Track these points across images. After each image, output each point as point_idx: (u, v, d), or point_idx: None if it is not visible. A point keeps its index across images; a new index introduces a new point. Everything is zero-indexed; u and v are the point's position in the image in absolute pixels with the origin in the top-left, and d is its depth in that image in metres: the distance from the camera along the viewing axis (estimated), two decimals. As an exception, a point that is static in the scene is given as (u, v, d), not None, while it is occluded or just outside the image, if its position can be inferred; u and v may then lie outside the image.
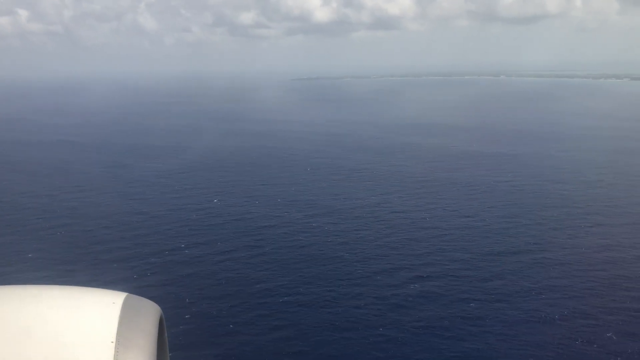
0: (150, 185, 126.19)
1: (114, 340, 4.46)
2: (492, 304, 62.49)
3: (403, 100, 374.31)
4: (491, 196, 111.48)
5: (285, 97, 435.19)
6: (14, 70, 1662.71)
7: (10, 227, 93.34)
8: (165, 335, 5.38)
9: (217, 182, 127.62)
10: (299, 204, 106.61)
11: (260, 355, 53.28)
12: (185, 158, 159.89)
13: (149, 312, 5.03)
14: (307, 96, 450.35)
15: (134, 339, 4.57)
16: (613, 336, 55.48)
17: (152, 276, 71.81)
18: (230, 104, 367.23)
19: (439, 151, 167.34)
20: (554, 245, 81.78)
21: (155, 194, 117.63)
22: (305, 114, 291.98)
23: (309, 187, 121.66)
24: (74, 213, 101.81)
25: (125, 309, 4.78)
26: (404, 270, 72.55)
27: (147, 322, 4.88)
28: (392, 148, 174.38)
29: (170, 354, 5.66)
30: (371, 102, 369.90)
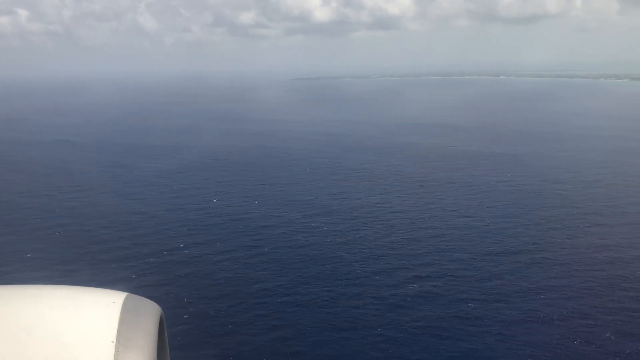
0: (149, 185, 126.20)
1: (114, 340, 4.45)
2: (491, 304, 62.47)
3: (403, 100, 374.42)
4: (490, 196, 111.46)
5: (285, 97, 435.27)
6: (14, 70, 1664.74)
7: (9, 227, 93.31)
8: (166, 335, 5.36)
9: (217, 182, 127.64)
10: (298, 203, 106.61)
11: (258, 356, 53.26)
12: (184, 158, 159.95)
13: (150, 312, 5.02)
14: (307, 96, 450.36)
15: (134, 338, 4.57)
16: (611, 336, 55.46)
17: (151, 276, 71.83)
18: (230, 104, 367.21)
19: (438, 151, 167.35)
20: (553, 245, 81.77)
21: (154, 193, 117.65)
22: (305, 114, 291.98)
23: (308, 187, 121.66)
24: (73, 213, 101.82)
25: (125, 309, 4.77)
26: (403, 270, 72.55)
27: (148, 322, 4.86)
28: (392, 148, 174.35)
29: (170, 353, 5.64)
30: (371, 102, 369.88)
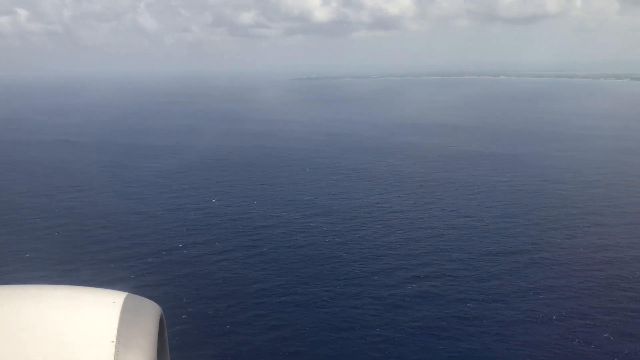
0: (149, 185, 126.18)
1: (115, 340, 4.44)
2: (490, 304, 62.43)
3: (403, 100, 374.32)
4: (490, 196, 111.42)
5: (285, 97, 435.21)
6: (14, 70, 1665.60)
7: (7, 227, 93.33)
8: (166, 334, 5.35)
9: (216, 182, 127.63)
10: (298, 203, 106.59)
11: (256, 356, 53.23)
12: (184, 158, 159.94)
13: (150, 312, 5.01)
14: (307, 96, 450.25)
15: (134, 338, 4.55)
16: (610, 336, 55.42)
17: (150, 276, 71.80)
18: (230, 104, 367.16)
19: (438, 151, 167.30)
20: (552, 245, 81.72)
21: (153, 193, 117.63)
22: (305, 114, 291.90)
23: (307, 187, 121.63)
24: (72, 213, 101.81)
25: (125, 309, 4.76)
26: (402, 270, 72.51)
27: (148, 322, 4.85)
28: (392, 148, 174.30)
29: (169, 353, 5.63)
30: (371, 102, 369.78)
